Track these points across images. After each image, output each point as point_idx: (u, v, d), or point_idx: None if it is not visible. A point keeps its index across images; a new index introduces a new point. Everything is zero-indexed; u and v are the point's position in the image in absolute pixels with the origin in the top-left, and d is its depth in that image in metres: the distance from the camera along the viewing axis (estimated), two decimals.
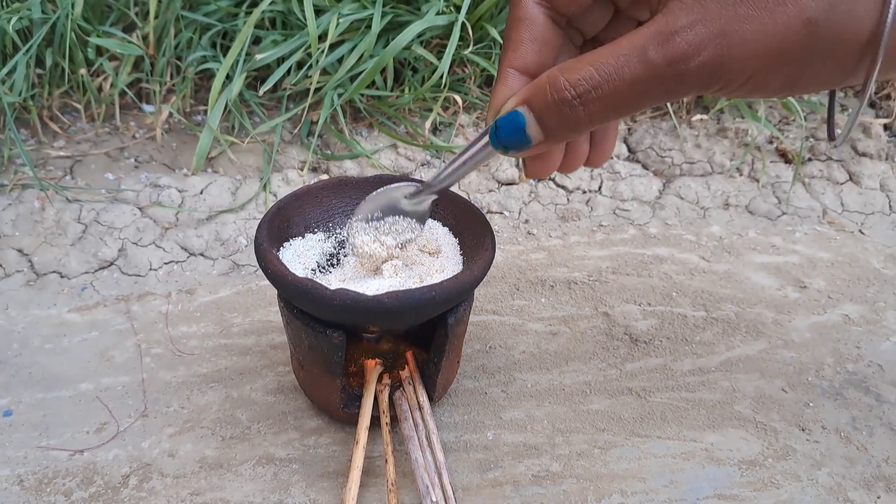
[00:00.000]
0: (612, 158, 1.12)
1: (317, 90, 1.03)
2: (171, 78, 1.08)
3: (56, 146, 1.02)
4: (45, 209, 0.92)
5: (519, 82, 0.41)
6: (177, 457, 0.66)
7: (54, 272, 0.86)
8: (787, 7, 0.31)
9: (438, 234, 0.67)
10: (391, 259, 0.61)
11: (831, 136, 0.42)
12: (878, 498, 0.65)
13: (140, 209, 0.94)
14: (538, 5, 0.41)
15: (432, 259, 0.64)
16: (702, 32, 0.32)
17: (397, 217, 0.60)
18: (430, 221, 0.67)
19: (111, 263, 0.88)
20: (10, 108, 0.94)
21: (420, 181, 0.58)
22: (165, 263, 0.89)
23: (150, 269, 0.88)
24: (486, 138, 0.43)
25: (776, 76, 0.33)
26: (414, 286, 0.57)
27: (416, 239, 0.61)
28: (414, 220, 0.60)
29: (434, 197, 0.57)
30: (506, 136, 0.40)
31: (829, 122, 0.36)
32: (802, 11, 0.31)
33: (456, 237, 0.67)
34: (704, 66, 0.32)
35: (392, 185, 0.59)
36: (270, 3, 1.03)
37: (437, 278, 0.60)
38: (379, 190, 0.59)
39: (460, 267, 0.63)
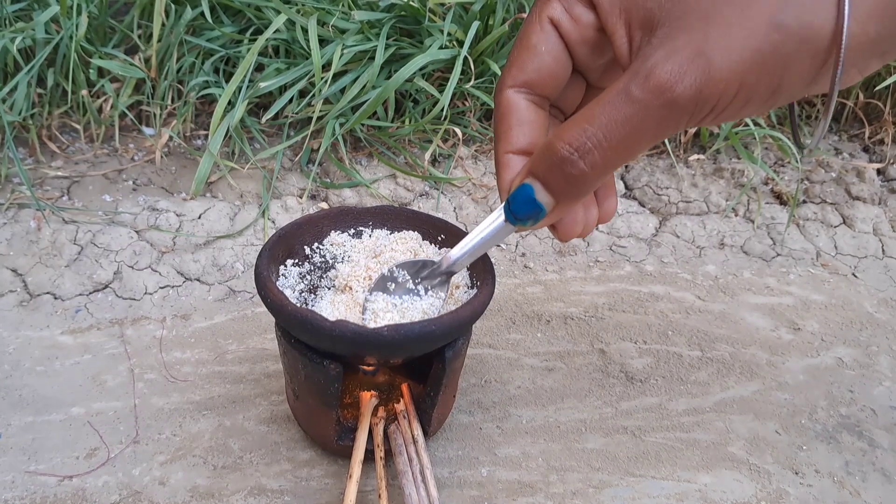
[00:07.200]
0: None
1: (318, 118, 1.03)
2: (173, 102, 1.08)
3: (54, 166, 1.02)
4: (41, 229, 0.91)
5: (519, 163, 0.43)
6: (168, 485, 0.65)
7: (48, 293, 0.85)
8: (752, 14, 0.32)
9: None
10: None
11: (798, 144, 0.43)
12: None
13: (137, 232, 0.94)
14: (518, 93, 0.43)
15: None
16: (679, 60, 0.33)
17: (414, 295, 0.60)
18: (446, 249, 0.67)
19: (106, 286, 0.87)
20: (9, 127, 0.94)
21: (433, 262, 0.58)
22: (161, 288, 0.88)
23: (146, 293, 0.87)
24: (501, 215, 0.45)
25: (760, 83, 0.33)
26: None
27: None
28: (434, 297, 0.60)
29: (449, 276, 0.57)
30: (519, 208, 0.41)
31: (794, 130, 0.37)
32: (766, 15, 0.32)
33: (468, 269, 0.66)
34: (691, 87, 0.33)
35: (406, 262, 0.60)
36: (275, 32, 1.04)
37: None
38: (393, 265, 0.60)
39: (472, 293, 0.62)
